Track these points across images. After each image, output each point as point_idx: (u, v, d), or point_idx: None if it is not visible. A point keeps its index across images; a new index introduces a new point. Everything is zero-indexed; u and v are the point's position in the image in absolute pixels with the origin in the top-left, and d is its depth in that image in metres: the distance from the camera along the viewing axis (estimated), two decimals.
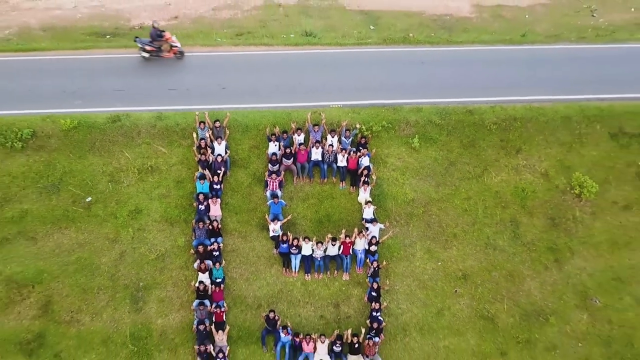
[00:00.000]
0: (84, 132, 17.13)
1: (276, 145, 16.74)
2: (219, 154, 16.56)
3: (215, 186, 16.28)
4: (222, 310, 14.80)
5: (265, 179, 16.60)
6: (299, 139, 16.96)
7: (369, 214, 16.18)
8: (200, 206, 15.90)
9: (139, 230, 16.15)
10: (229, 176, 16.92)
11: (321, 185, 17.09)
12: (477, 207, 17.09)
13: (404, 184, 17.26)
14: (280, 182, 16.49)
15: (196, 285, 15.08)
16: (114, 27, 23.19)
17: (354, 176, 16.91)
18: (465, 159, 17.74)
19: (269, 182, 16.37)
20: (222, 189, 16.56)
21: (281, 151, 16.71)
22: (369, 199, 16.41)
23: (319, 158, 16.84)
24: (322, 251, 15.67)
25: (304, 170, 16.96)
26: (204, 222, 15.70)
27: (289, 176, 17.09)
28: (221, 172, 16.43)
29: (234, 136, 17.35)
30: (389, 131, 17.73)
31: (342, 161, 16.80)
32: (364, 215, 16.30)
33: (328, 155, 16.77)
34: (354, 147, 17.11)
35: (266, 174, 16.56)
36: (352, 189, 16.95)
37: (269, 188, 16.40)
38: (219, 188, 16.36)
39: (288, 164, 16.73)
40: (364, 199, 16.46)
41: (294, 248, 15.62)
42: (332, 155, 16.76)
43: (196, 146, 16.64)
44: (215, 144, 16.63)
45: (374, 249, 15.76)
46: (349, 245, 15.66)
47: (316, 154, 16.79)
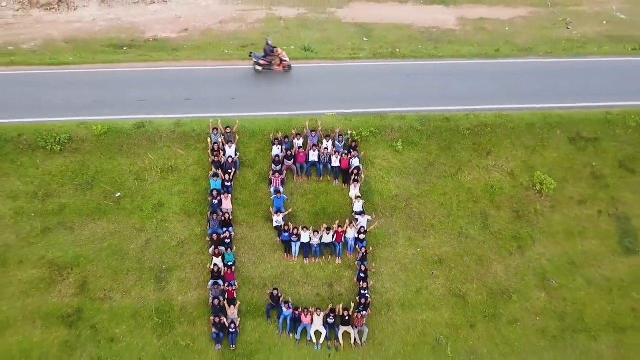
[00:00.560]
0: (113, 137, 17.70)
1: (279, 148, 17.26)
2: (229, 155, 17.17)
3: (226, 183, 16.78)
4: (233, 289, 15.52)
5: (269, 177, 17.12)
6: (299, 143, 17.44)
7: (358, 207, 16.71)
8: (214, 200, 16.47)
9: (161, 221, 16.81)
10: (238, 175, 17.38)
11: (317, 183, 17.59)
12: (452, 201, 17.65)
13: (389, 181, 17.79)
14: (282, 180, 17.03)
15: (211, 267, 15.71)
16: (130, 40, 23.72)
17: (346, 175, 17.37)
18: (443, 160, 18.23)
19: (272, 180, 16.92)
20: (233, 186, 17.02)
21: (283, 153, 17.18)
22: (358, 194, 16.94)
23: (316, 159, 17.33)
24: (319, 239, 16.25)
25: (302, 170, 17.50)
26: (217, 214, 16.29)
27: (290, 175, 17.63)
28: (232, 172, 16.93)
29: (242, 140, 17.83)
30: (376, 136, 18.24)
31: (335, 162, 17.31)
32: (354, 209, 16.79)
33: (324, 157, 17.26)
34: (346, 150, 17.54)
35: (270, 173, 17.11)
36: (344, 186, 17.43)
37: (272, 185, 16.96)
38: (229, 185, 16.83)
39: (289, 164, 17.33)
40: (354, 194, 16.95)
41: (294, 236, 16.21)
42: (327, 157, 17.25)
43: (210, 149, 17.20)
44: (227, 147, 17.25)
45: (362, 237, 16.37)
46: (341, 234, 16.26)
47: (313, 156, 17.30)
